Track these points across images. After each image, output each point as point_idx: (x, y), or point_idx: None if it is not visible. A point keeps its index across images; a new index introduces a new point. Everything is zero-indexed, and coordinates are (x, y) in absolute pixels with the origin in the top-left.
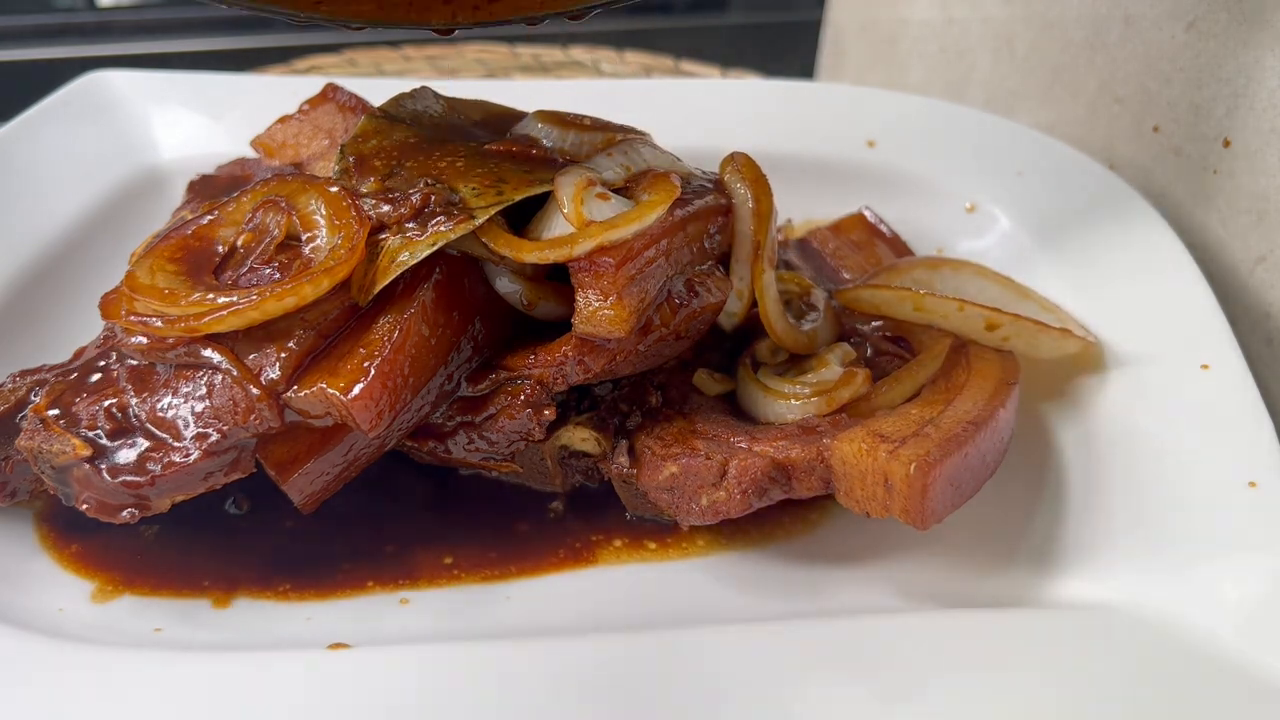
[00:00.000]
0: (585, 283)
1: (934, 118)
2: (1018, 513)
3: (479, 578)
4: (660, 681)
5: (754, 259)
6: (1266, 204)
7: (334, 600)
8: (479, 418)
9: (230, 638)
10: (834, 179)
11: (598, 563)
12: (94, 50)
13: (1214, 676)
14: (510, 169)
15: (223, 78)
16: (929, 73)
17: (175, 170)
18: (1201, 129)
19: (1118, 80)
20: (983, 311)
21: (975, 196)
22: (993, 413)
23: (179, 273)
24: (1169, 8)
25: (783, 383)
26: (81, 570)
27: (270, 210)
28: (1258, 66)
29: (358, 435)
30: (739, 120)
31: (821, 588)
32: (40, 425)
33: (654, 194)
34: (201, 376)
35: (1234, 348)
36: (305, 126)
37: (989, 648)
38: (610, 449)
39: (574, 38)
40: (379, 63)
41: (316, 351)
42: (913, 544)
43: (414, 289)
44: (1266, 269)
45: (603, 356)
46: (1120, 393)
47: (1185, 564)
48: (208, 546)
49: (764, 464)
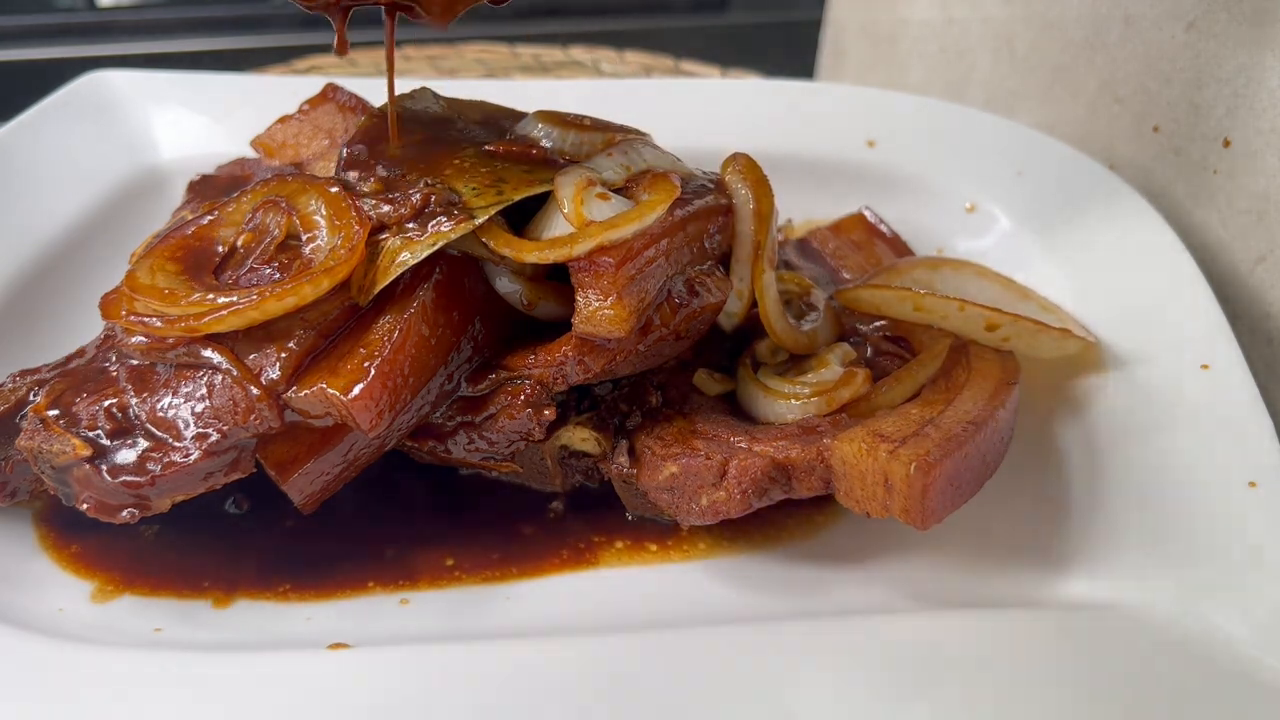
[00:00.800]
0: (585, 282)
1: (934, 118)
2: (1018, 513)
3: (480, 579)
4: (660, 681)
5: (754, 259)
6: (1266, 204)
7: (334, 601)
8: (479, 418)
9: (230, 638)
10: (834, 179)
11: (599, 565)
12: (94, 50)
13: (1215, 676)
14: (510, 169)
15: (223, 78)
16: (929, 73)
17: (175, 170)
18: (1201, 129)
19: (1118, 80)
20: (983, 312)
21: (975, 196)
22: (993, 413)
23: (179, 273)
24: (1169, 8)
25: (783, 383)
26: (81, 571)
27: (270, 210)
28: (1258, 66)
29: (358, 435)
30: (739, 120)
31: (822, 588)
32: (40, 425)
33: (654, 194)
34: (202, 376)
35: (1234, 348)
36: (305, 126)
37: (989, 648)
38: (610, 449)
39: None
40: (379, 63)
41: (317, 351)
42: (913, 544)
43: (414, 289)
44: (1266, 269)
45: (603, 356)
46: (1120, 393)
47: (1185, 564)
48: (208, 547)
49: (764, 464)
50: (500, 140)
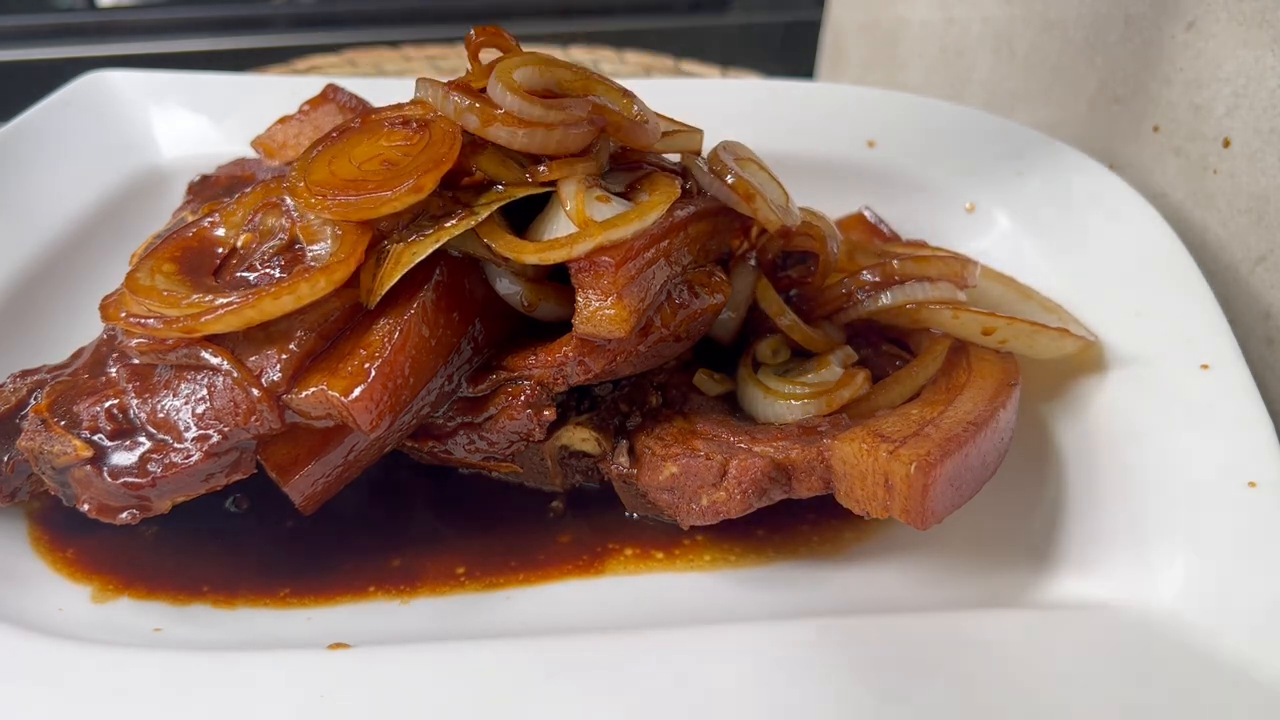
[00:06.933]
0: (585, 283)
1: (934, 118)
2: (1018, 513)
3: (482, 585)
4: (660, 680)
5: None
6: (1266, 204)
7: (335, 605)
8: (479, 418)
9: (230, 638)
10: (834, 179)
11: (605, 572)
12: (94, 50)
13: (1214, 676)
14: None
15: (223, 78)
16: (929, 73)
17: (175, 170)
18: (1201, 129)
19: (1118, 80)
20: (978, 317)
21: (975, 196)
22: (993, 413)
23: (179, 274)
24: (1169, 8)
25: (783, 383)
26: (80, 572)
27: (270, 212)
28: (1258, 66)
29: (358, 436)
30: (739, 120)
31: (822, 587)
32: (41, 426)
33: (654, 195)
34: (202, 378)
35: (1234, 348)
36: (305, 127)
37: (989, 648)
38: (610, 449)
39: (574, 38)
40: (379, 63)
41: (317, 353)
42: (913, 544)
43: (415, 290)
44: (1266, 269)
45: (603, 357)
46: (1120, 393)
47: (1185, 564)
48: (208, 549)
49: (764, 464)
50: None
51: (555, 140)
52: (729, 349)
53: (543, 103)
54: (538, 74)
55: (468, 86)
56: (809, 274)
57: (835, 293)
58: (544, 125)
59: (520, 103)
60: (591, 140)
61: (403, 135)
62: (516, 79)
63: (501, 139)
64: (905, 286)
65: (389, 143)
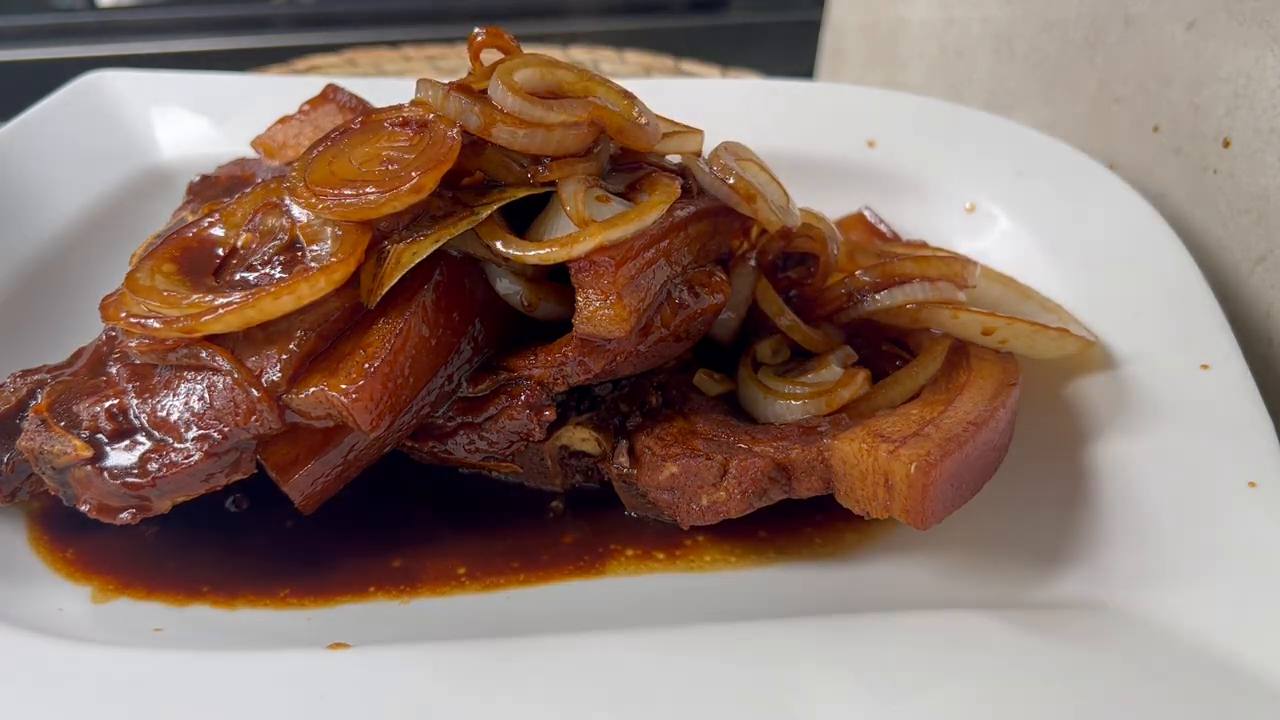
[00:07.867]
0: (585, 283)
1: (934, 118)
2: (1017, 513)
3: (483, 585)
4: (659, 680)
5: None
6: (1266, 204)
7: (335, 605)
8: (479, 418)
9: (230, 638)
10: (834, 179)
11: (606, 573)
12: (94, 50)
13: (1213, 677)
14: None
15: (223, 78)
16: (929, 73)
17: (175, 170)
18: (1201, 129)
19: (1118, 80)
20: (978, 317)
21: (975, 196)
22: (993, 413)
23: (179, 274)
24: (1169, 8)
25: (783, 383)
26: (79, 572)
27: (271, 212)
28: (1258, 66)
29: (358, 436)
30: (739, 120)
31: (822, 587)
32: (41, 426)
33: (654, 195)
34: (202, 378)
35: (1234, 348)
36: (305, 127)
37: (989, 648)
38: (610, 449)
39: (574, 38)
40: (379, 63)
41: (317, 353)
42: (913, 544)
43: (415, 290)
44: (1266, 269)
45: (603, 357)
46: (1120, 393)
47: (1185, 564)
48: (208, 549)
49: (764, 464)
50: None
51: (556, 141)
52: (729, 349)
53: (543, 104)
54: (539, 75)
55: (468, 87)
56: (809, 274)
57: (835, 293)
58: (544, 126)
59: (521, 104)
60: (592, 141)
61: (403, 135)
62: (517, 80)
63: (503, 140)
64: (905, 287)
65: (389, 143)
